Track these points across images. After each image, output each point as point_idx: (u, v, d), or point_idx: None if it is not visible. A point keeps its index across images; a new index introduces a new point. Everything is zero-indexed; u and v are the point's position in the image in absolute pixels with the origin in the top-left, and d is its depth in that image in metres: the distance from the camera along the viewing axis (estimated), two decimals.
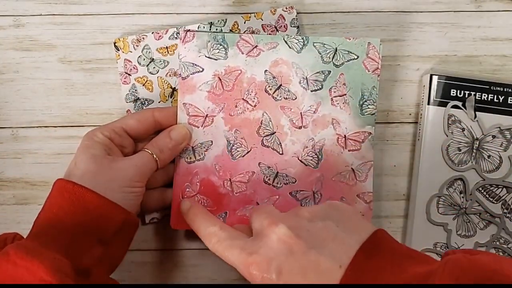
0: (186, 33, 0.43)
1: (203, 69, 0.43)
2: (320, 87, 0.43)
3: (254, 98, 0.43)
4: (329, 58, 0.43)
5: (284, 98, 0.44)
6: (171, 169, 0.44)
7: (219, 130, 0.43)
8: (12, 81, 0.47)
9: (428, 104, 0.45)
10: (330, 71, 0.43)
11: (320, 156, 0.44)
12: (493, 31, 0.47)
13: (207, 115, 0.43)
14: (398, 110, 0.48)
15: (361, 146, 0.44)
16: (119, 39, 0.46)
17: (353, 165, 0.44)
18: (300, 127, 0.44)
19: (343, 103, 0.44)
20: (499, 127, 0.45)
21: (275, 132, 0.44)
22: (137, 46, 0.46)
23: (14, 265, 0.31)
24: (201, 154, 0.43)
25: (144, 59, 0.46)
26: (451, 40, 0.47)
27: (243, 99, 0.43)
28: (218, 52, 0.43)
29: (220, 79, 0.43)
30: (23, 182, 0.47)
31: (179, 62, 0.43)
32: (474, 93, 0.45)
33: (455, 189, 0.46)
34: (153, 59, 0.46)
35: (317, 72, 0.43)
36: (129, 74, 0.46)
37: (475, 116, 0.45)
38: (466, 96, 0.45)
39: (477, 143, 0.46)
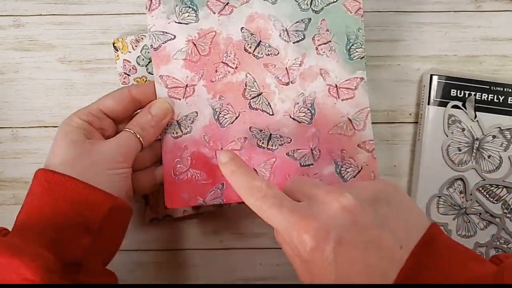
0: (151, 0, 0.40)
1: (174, 36, 0.41)
2: (302, 37, 0.41)
3: (234, 60, 0.41)
4: (307, 5, 0.41)
5: (266, 54, 0.41)
6: (158, 147, 0.42)
7: (202, 99, 0.41)
8: (12, 81, 0.47)
9: (428, 104, 0.45)
10: (310, 19, 0.41)
11: (313, 111, 0.41)
12: (493, 31, 0.47)
13: (187, 85, 0.41)
14: (398, 110, 0.48)
15: (354, 93, 0.41)
16: (117, 39, 0.46)
17: (349, 115, 0.41)
18: (287, 83, 0.41)
19: (329, 50, 0.41)
20: (499, 127, 0.45)
21: (261, 93, 0.41)
22: (136, 46, 0.46)
23: None
24: (188, 127, 0.41)
25: (143, 59, 0.46)
26: (451, 40, 0.47)
27: (222, 62, 0.41)
28: (188, 16, 0.41)
29: (195, 44, 0.41)
30: (23, 182, 0.47)
31: (148, 32, 0.41)
32: (474, 93, 0.45)
33: (455, 189, 0.46)
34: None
35: (297, 22, 0.41)
36: (128, 75, 0.46)
37: (475, 116, 0.45)
38: (466, 96, 0.45)
39: (477, 143, 0.45)
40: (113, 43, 0.46)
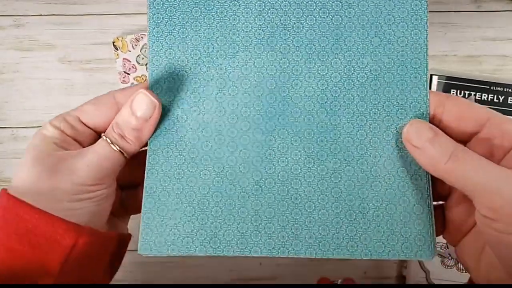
0: None
1: None
2: None
3: None
4: None
5: None
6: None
7: None
8: (12, 81, 0.47)
9: None
10: None
11: None
12: (493, 31, 0.47)
13: None
14: None
15: None
16: (117, 38, 0.46)
17: None
18: None
19: None
20: None
21: None
22: (135, 45, 0.46)
23: None
24: None
25: (143, 58, 0.46)
26: (451, 40, 0.47)
27: None
28: None
29: None
30: None
31: None
32: (474, 93, 0.45)
33: None
34: None
35: None
36: (128, 74, 0.46)
37: None
38: (466, 96, 0.45)
39: None
40: (113, 42, 0.46)
